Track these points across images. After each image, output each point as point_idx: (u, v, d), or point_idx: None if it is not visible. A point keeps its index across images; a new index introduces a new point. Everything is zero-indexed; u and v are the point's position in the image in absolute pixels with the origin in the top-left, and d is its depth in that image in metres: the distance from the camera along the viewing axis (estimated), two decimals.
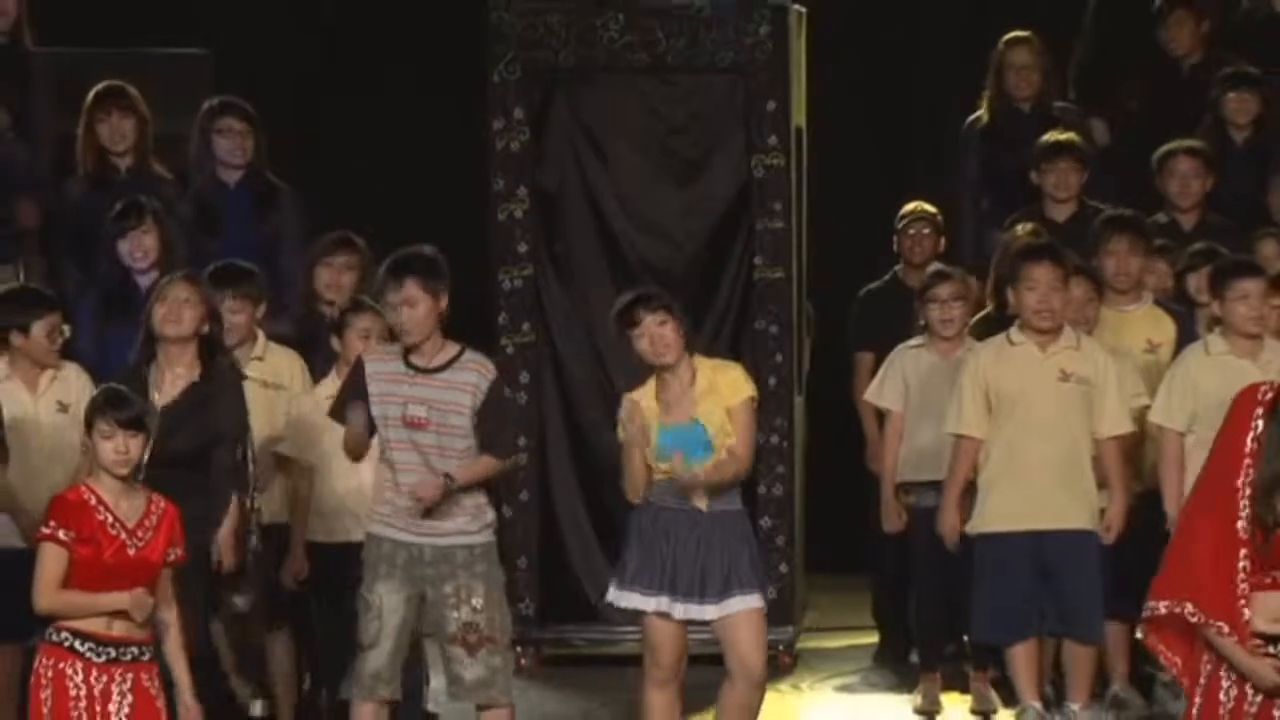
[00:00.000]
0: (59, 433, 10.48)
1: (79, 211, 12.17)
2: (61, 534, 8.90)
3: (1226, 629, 8.34)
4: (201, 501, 10.07)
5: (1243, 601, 8.34)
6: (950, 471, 11.06)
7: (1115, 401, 11.03)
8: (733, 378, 10.23)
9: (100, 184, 12.22)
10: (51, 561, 8.94)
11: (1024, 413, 10.99)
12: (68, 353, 11.25)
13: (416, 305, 9.95)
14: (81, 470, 9.62)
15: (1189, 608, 8.31)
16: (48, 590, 8.95)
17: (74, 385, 10.68)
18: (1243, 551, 8.29)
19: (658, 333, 10.06)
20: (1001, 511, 10.96)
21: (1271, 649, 8.34)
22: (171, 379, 10.37)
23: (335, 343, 10.89)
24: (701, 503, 10.10)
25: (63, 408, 10.59)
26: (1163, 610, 8.34)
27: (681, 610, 10.08)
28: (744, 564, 10.14)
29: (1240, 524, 8.32)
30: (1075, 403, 10.98)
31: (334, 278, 11.52)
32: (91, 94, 12.39)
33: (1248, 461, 8.25)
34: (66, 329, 11.08)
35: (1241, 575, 8.32)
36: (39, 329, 10.72)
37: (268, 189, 12.41)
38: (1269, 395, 8.32)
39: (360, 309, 10.68)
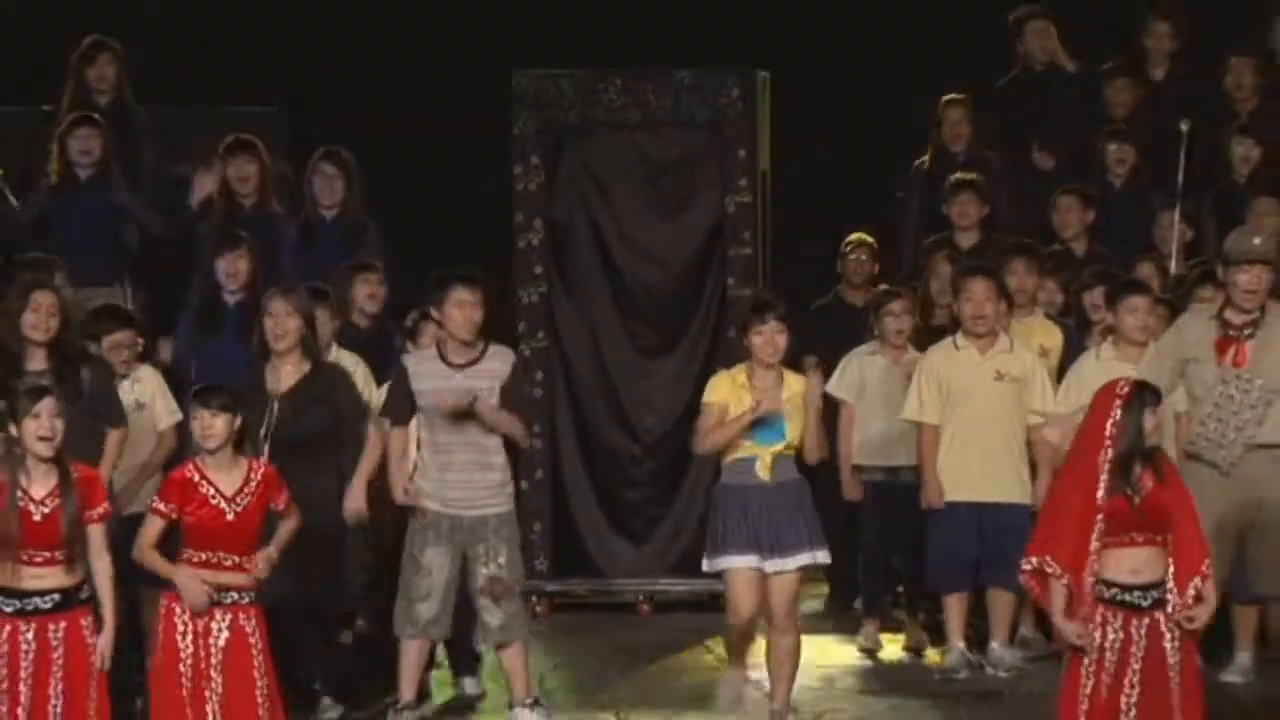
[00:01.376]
0: (136, 425, 10.34)
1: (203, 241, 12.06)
2: (163, 506, 8.96)
3: (1068, 582, 8.49)
4: (335, 477, 10.08)
5: (1094, 558, 8.50)
6: (922, 454, 11.11)
7: (1039, 396, 11.09)
8: (799, 383, 10.14)
9: (228, 217, 12.17)
10: (149, 527, 9.01)
11: (967, 405, 11.08)
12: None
13: (472, 309, 10.04)
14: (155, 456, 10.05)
15: (1049, 560, 8.53)
16: (145, 549, 8.99)
17: (149, 385, 10.63)
18: (1099, 517, 8.46)
19: (776, 339, 10.00)
20: (951, 485, 11.08)
21: (1129, 596, 8.59)
22: (285, 374, 10.20)
23: (409, 346, 10.80)
24: (766, 476, 10.01)
25: (139, 406, 10.48)
26: (1034, 564, 8.56)
27: (770, 566, 9.96)
28: (805, 528, 10.06)
29: (1100, 494, 8.49)
30: (1008, 398, 11.06)
31: (373, 290, 11.43)
32: (223, 145, 12.33)
33: (1108, 443, 8.51)
34: (140, 342, 10.80)
35: (1096, 536, 8.49)
36: (106, 344, 10.60)
37: (356, 224, 12.33)
38: (1125, 389, 8.62)
39: (428, 319, 10.43)
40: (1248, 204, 12.24)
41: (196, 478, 8.97)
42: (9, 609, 8.76)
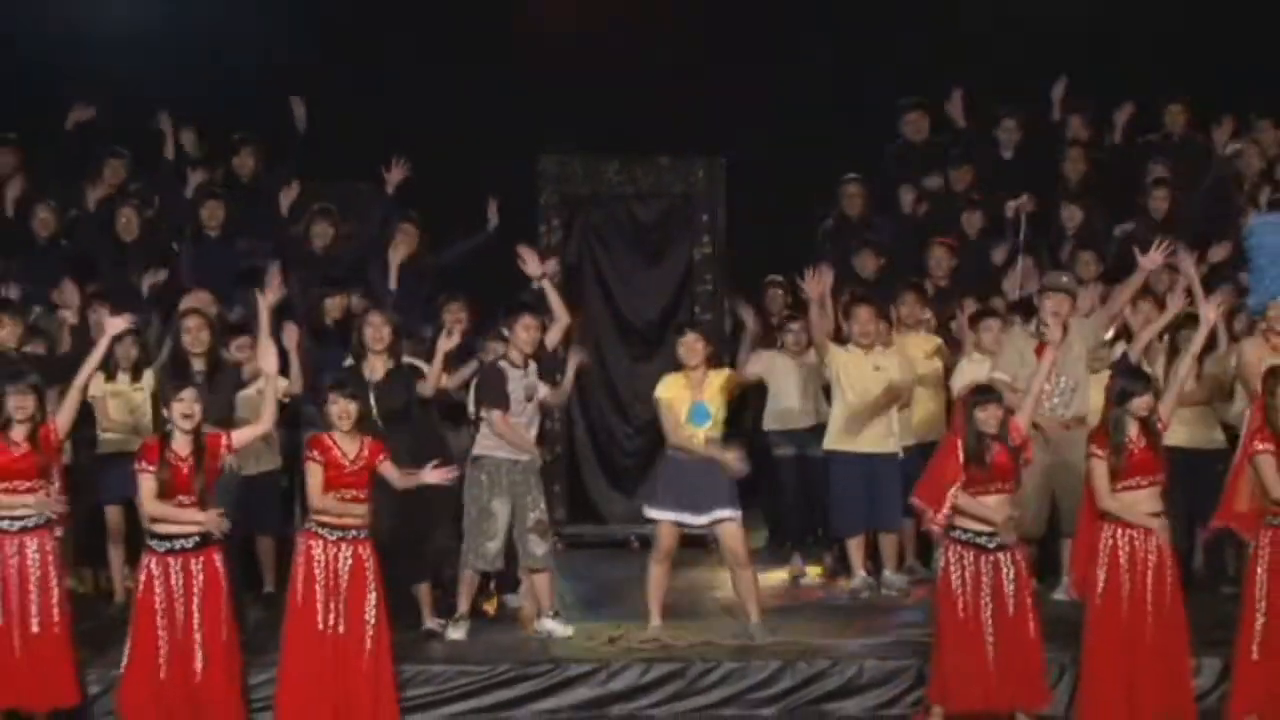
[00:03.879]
0: (250, 406, 10.00)
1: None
2: (316, 455, 8.83)
3: (933, 514, 8.83)
4: (412, 444, 9.75)
5: (949, 500, 8.77)
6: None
7: (900, 381, 10.99)
8: (720, 378, 10.04)
9: (331, 263, 11.94)
10: (314, 475, 8.85)
11: (854, 387, 10.98)
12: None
13: (535, 330, 10.02)
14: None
15: (920, 503, 8.84)
16: (315, 492, 8.80)
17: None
18: (960, 476, 8.80)
19: (695, 346, 9.93)
20: (845, 442, 10.98)
21: (978, 539, 8.82)
22: (377, 368, 9.99)
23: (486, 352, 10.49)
24: (701, 452, 9.88)
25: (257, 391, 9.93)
26: (918, 503, 8.88)
27: (689, 519, 9.93)
28: (723, 490, 9.91)
29: (960, 457, 8.84)
30: (882, 383, 10.97)
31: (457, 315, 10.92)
32: (310, 210, 12.20)
33: (960, 429, 8.93)
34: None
35: (955, 488, 8.79)
36: (233, 347, 10.38)
37: (424, 267, 12.08)
38: (965, 394, 9.05)
39: (498, 338, 10.28)
40: (1074, 255, 12.13)
41: (330, 443, 8.89)
42: (161, 548, 8.67)
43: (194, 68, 12.97)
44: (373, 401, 9.52)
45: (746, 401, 11.50)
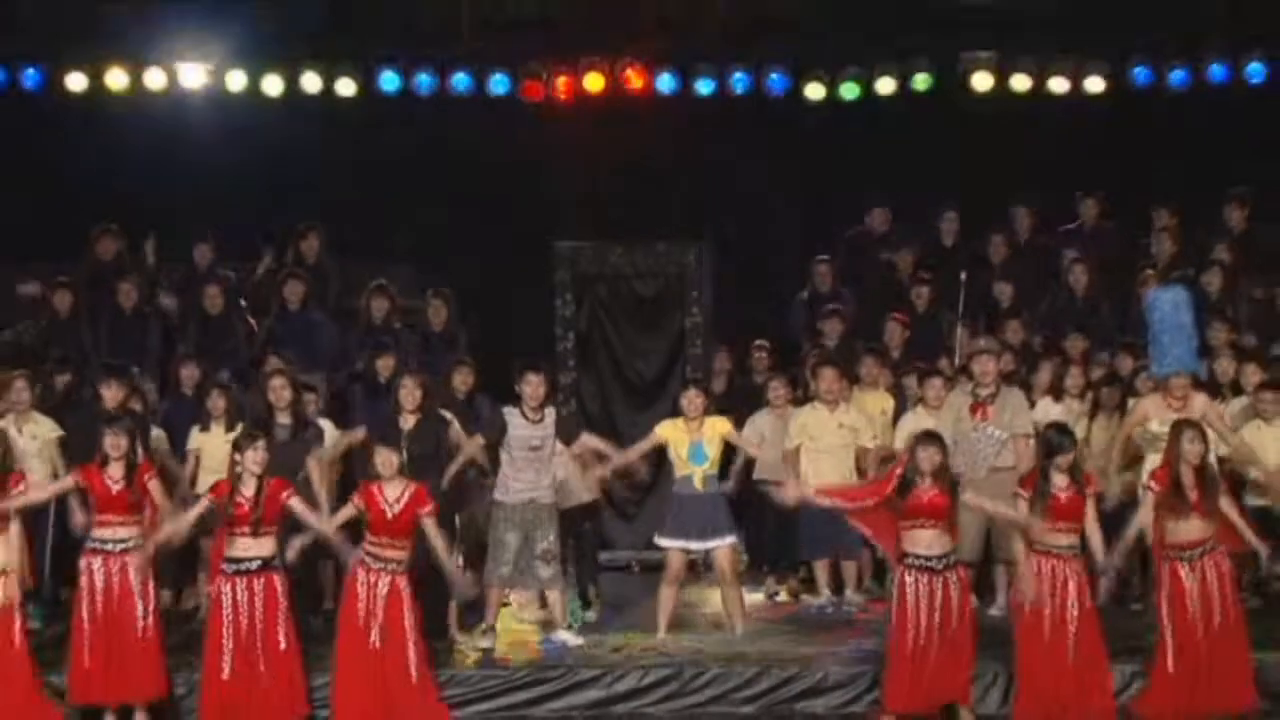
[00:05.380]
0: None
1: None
2: (358, 501, 8.93)
3: (871, 535, 9.00)
4: (438, 479, 9.73)
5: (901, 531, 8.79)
6: (787, 464, 10.79)
7: (866, 435, 10.87)
8: (721, 428, 10.07)
9: (384, 332, 11.90)
10: (342, 513, 8.96)
11: (818, 442, 10.86)
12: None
13: (538, 386, 9.92)
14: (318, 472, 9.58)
15: (861, 529, 8.97)
16: (333, 525, 8.88)
17: (327, 435, 10.29)
18: (875, 497, 8.84)
19: (695, 400, 10.02)
20: (813, 478, 10.61)
21: (928, 563, 8.70)
22: (410, 421, 9.94)
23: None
24: (700, 487, 9.95)
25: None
26: (866, 532, 9.00)
27: (694, 545, 9.96)
28: (722, 520, 10.00)
29: (891, 486, 8.83)
30: (845, 438, 10.86)
31: (465, 377, 10.84)
32: (369, 287, 12.13)
33: (900, 472, 8.90)
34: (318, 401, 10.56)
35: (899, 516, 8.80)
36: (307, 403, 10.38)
37: (453, 334, 12.08)
38: (917, 437, 8.98)
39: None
40: (1007, 323, 12.06)
41: (375, 491, 8.95)
42: (230, 570, 8.77)
43: (263, 176, 13.04)
44: (404, 448, 9.48)
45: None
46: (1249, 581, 10.25)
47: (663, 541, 10.11)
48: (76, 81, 12.75)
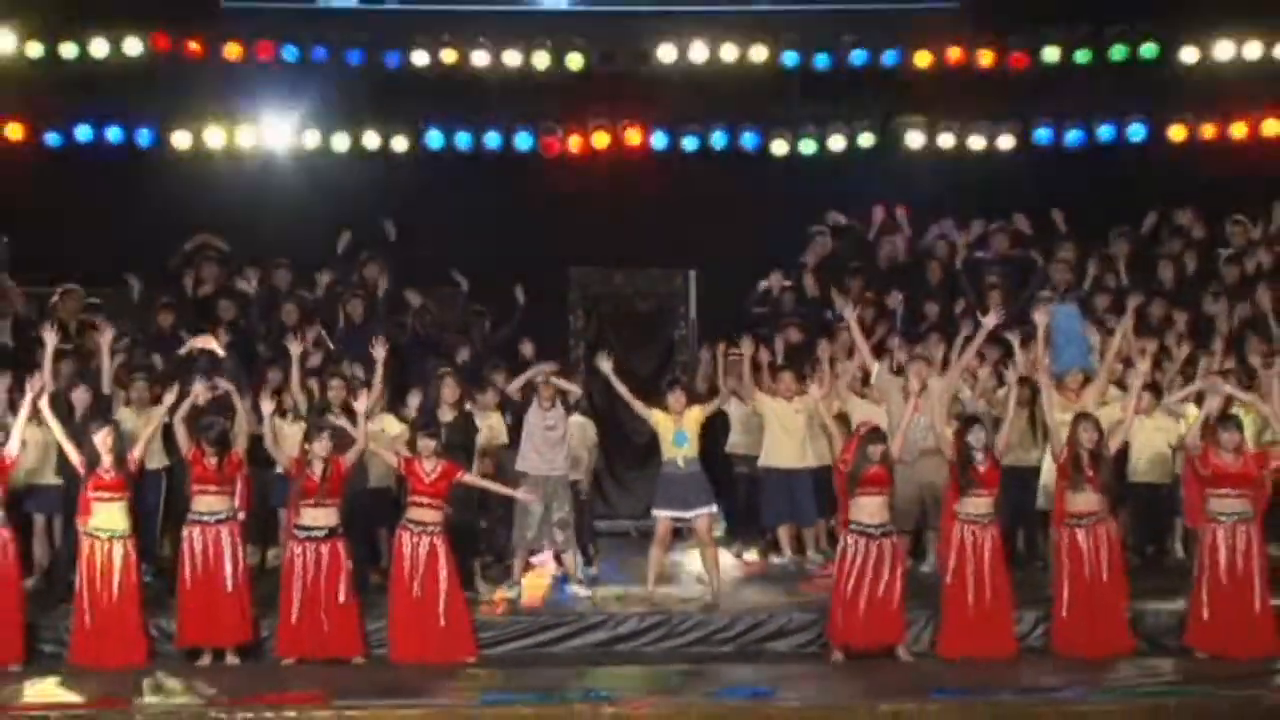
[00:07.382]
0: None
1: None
2: (402, 469, 8.95)
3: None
4: (468, 465, 9.57)
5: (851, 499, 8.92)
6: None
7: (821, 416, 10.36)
8: (698, 414, 9.91)
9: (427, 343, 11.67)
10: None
11: (780, 424, 10.68)
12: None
13: (551, 386, 10.07)
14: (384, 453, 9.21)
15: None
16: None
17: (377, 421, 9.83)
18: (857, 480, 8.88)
19: (680, 397, 9.84)
20: (774, 458, 10.70)
21: (868, 530, 8.79)
22: (446, 414, 9.90)
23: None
24: (682, 466, 9.79)
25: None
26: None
27: (681, 514, 9.79)
28: (702, 493, 9.84)
29: (844, 468, 8.92)
30: (802, 419, 10.64)
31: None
32: (415, 307, 11.96)
33: (853, 451, 8.99)
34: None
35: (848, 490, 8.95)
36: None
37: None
38: (863, 430, 9.10)
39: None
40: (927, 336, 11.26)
41: (415, 466, 9.03)
42: (301, 535, 8.79)
43: (329, 215, 12.71)
44: (442, 437, 9.40)
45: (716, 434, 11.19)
46: (1132, 545, 10.24)
47: (654, 511, 10.00)
48: (181, 139, 12.75)
